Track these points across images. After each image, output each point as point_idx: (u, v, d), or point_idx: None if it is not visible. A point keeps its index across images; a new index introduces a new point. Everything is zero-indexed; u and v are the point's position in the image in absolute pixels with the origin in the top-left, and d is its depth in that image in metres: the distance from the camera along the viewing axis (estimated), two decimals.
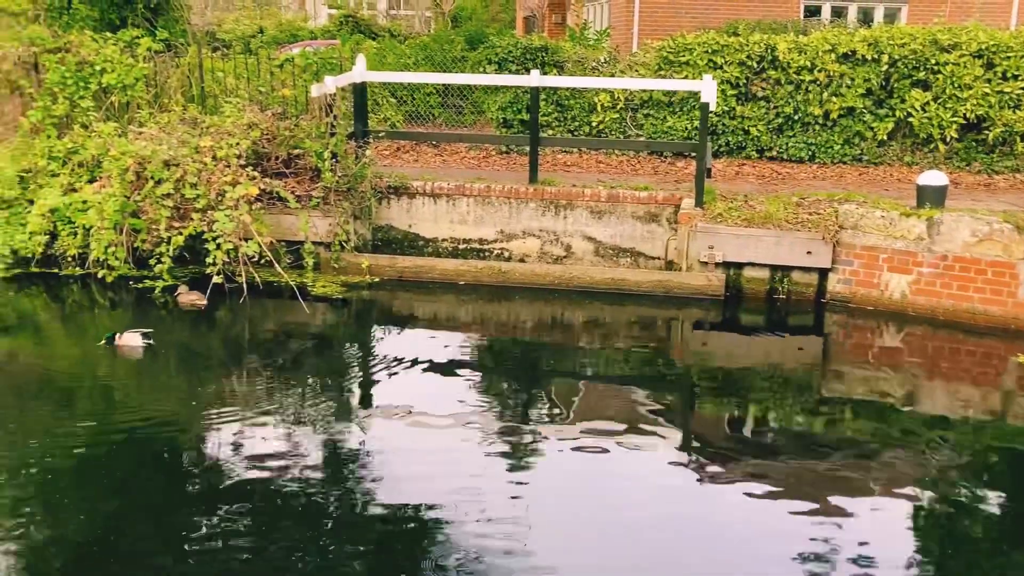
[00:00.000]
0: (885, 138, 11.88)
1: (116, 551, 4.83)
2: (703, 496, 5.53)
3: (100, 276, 9.25)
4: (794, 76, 11.80)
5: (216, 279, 8.81)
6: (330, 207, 9.74)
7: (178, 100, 11.17)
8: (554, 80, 11.20)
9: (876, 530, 5.14)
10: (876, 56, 11.57)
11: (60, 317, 8.89)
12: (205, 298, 8.70)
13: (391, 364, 7.48)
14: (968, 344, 8.30)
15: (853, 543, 4.96)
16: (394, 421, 6.39)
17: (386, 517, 5.14)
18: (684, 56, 12.17)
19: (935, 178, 9.01)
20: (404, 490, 5.38)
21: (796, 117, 12.00)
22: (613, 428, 6.31)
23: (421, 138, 12.91)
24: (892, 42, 11.57)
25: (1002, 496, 5.62)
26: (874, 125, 11.82)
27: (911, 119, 11.65)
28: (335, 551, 4.83)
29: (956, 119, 11.50)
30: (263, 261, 9.10)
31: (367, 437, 6.19)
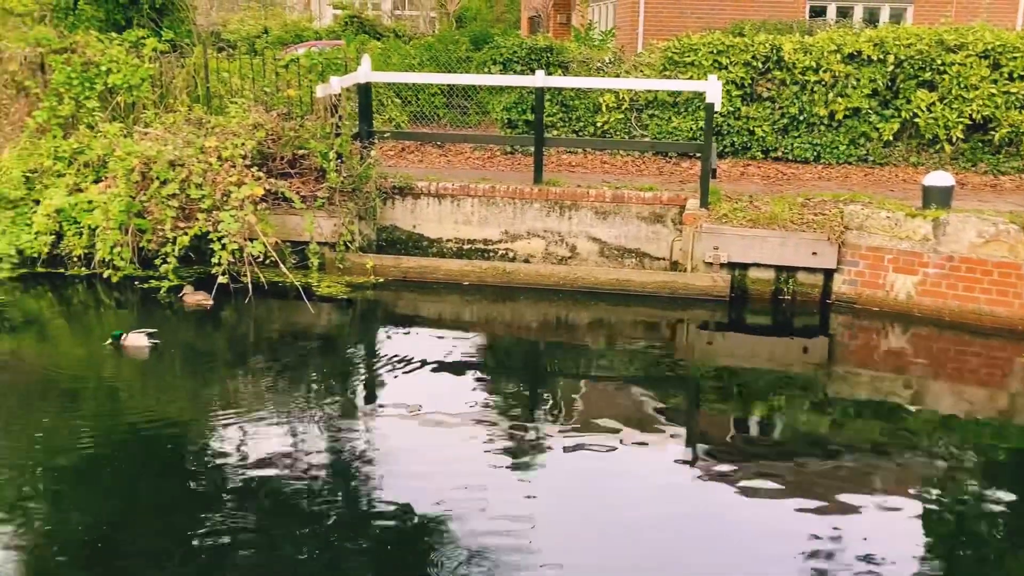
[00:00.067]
0: (891, 139, 11.86)
1: (122, 550, 4.84)
2: (706, 496, 5.52)
3: (106, 276, 9.28)
4: (799, 76, 11.79)
5: (221, 279, 8.84)
6: (335, 207, 9.76)
7: (183, 100, 11.19)
8: (559, 80, 11.20)
9: (879, 531, 5.12)
10: (882, 56, 11.55)
11: (66, 317, 8.91)
12: (211, 298, 8.72)
13: (396, 364, 7.49)
14: (974, 345, 8.28)
15: (855, 544, 4.94)
16: (399, 421, 6.39)
17: (391, 516, 5.14)
18: (689, 56, 12.17)
19: (941, 179, 8.99)
20: (409, 489, 5.39)
21: (801, 118, 11.99)
22: (617, 428, 6.31)
23: (426, 138, 12.92)
24: (898, 42, 11.55)
25: (1008, 497, 5.59)
26: (880, 126, 11.80)
27: (917, 119, 11.63)
28: (340, 550, 4.84)
29: (962, 120, 11.47)
30: (268, 261, 9.12)
31: (372, 437, 6.20)
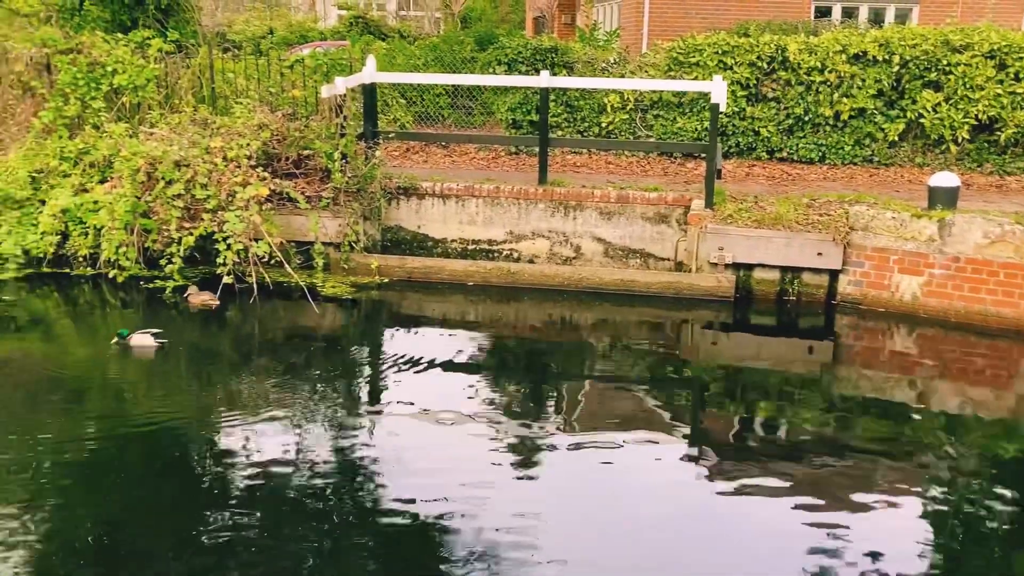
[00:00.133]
0: (896, 139, 11.84)
1: (127, 550, 4.85)
2: (709, 496, 5.51)
3: (111, 276, 9.29)
4: (805, 77, 11.77)
5: (226, 279, 8.85)
6: (340, 208, 9.76)
7: (189, 101, 11.22)
8: (564, 81, 11.19)
9: (882, 532, 5.12)
10: (887, 57, 11.53)
11: (71, 317, 8.92)
12: (217, 298, 8.73)
13: (400, 364, 7.49)
14: (980, 346, 8.26)
15: (858, 545, 4.93)
16: (403, 421, 6.40)
17: (396, 515, 5.15)
18: (694, 57, 12.15)
19: (947, 179, 8.97)
20: (413, 489, 5.39)
21: (807, 118, 11.97)
22: (621, 428, 6.31)
23: (431, 139, 12.93)
24: (903, 43, 11.53)
25: (1014, 498, 5.57)
26: (885, 126, 11.78)
27: (922, 120, 11.60)
28: (346, 549, 4.85)
29: (968, 120, 11.45)
30: (273, 262, 9.13)
31: (377, 436, 6.20)
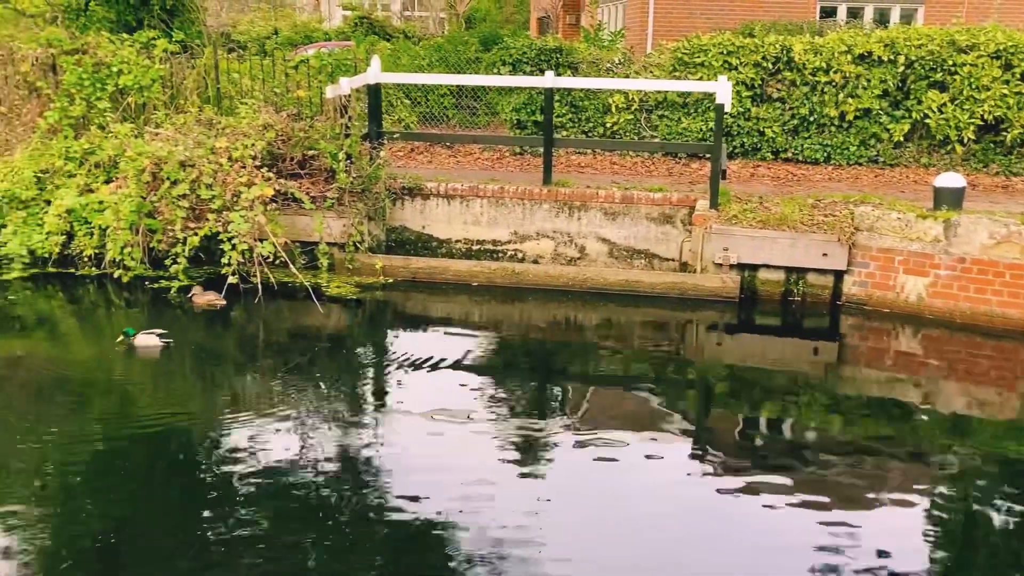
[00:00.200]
0: (901, 139, 11.81)
1: (132, 549, 4.86)
2: (712, 497, 5.50)
3: (116, 276, 9.31)
4: (810, 77, 11.75)
5: (231, 279, 8.86)
6: (344, 208, 9.77)
7: (194, 101, 11.23)
8: (568, 81, 11.19)
9: (884, 533, 5.10)
10: (892, 57, 11.51)
11: (76, 317, 8.94)
12: (222, 297, 8.74)
13: (405, 364, 7.49)
14: (985, 347, 8.24)
15: (860, 546, 4.92)
16: (408, 421, 6.40)
17: (399, 514, 5.15)
18: (699, 57, 12.14)
19: (952, 180, 8.95)
20: (417, 488, 5.39)
21: (812, 118, 11.95)
22: (625, 429, 6.30)
23: (435, 139, 12.93)
24: (909, 43, 11.50)
25: (1020, 498, 5.55)
26: (890, 126, 11.75)
27: (928, 120, 11.58)
28: (350, 547, 4.85)
29: (973, 120, 11.42)
30: (278, 262, 9.14)
31: (381, 436, 6.21)
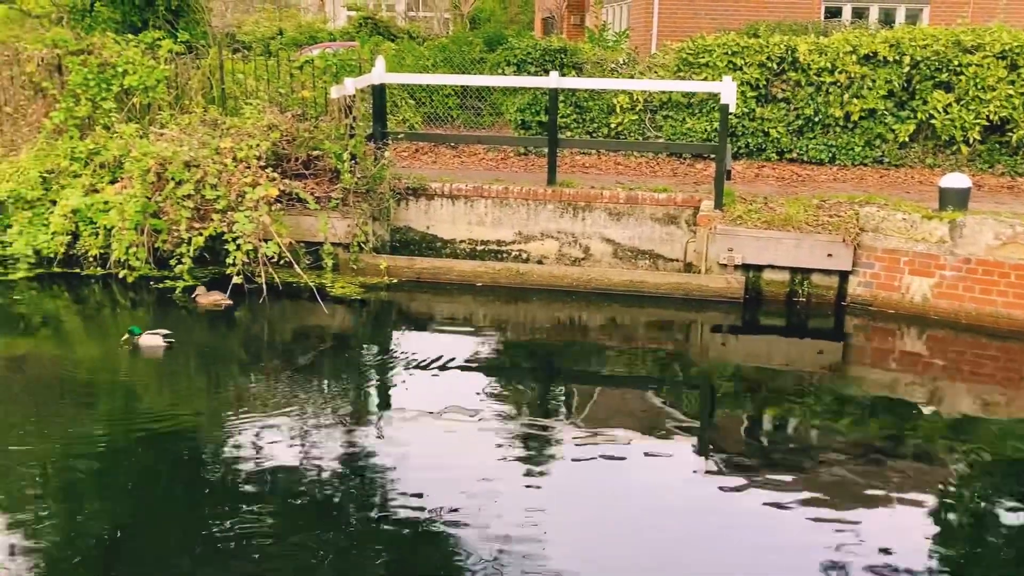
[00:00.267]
0: (907, 140, 11.80)
1: (136, 548, 4.86)
2: (717, 497, 5.49)
3: (121, 276, 9.33)
4: (815, 78, 11.74)
5: (236, 280, 8.87)
6: (349, 208, 9.78)
7: (199, 102, 11.24)
8: (573, 82, 11.19)
9: (887, 533, 5.09)
10: (898, 57, 11.49)
11: (81, 317, 8.96)
12: (227, 297, 8.75)
13: (409, 365, 7.49)
14: (991, 348, 8.22)
15: (861, 546, 4.91)
16: (412, 421, 6.40)
17: (403, 514, 5.15)
18: (704, 58, 12.13)
19: (958, 180, 8.92)
20: (420, 488, 5.39)
21: (816, 119, 11.93)
22: (629, 429, 6.30)
23: (439, 140, 12.93)
24: (914, 43, 11.49)
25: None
26: (895, 127, 11.73)
27: (933, 121, 11.55)
28: (354, 547, 4.84)
29: (979, 121, 11.39)
30: (282, 262, 9.15)
31: (385, 436, 6.21)
